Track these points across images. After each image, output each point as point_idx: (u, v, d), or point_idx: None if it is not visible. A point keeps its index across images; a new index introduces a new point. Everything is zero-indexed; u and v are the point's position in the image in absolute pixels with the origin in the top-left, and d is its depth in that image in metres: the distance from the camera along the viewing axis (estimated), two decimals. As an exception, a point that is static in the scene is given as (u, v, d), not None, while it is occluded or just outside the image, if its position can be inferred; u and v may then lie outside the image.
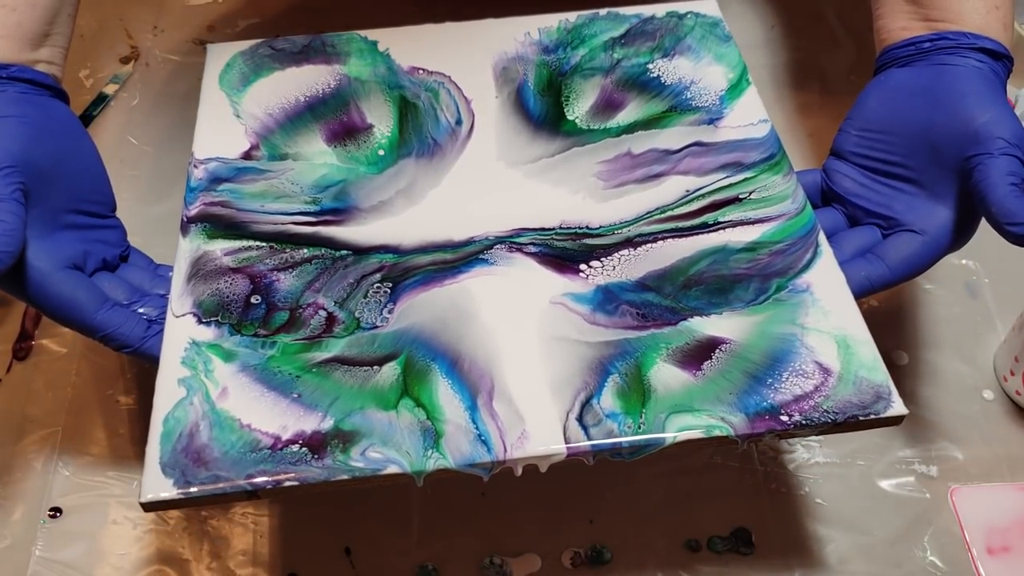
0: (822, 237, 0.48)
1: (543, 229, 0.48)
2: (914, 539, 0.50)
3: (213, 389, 0.42)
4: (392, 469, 0.39)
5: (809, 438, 0.53)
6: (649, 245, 0.48)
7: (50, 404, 0.54)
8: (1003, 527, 0.51)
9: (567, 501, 0.51)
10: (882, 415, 0.42)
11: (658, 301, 0.46)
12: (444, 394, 0.42)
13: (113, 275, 0.47)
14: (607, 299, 0.46)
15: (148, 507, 0.39)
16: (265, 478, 0.39)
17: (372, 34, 0.57)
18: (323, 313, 0.45)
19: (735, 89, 0.55)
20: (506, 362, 0.43)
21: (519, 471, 0.40)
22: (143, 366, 0.54)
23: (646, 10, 0.58)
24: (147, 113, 0.68)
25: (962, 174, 0.46)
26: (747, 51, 0.74)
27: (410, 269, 0.47)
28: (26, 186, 0.43)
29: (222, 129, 0.52)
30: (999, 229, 0.44)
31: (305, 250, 0.47)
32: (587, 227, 0.49)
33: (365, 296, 0.45)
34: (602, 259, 0.47)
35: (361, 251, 0.47)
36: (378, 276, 0.46)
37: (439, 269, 0.47)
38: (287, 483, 0.39)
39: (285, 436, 0.40)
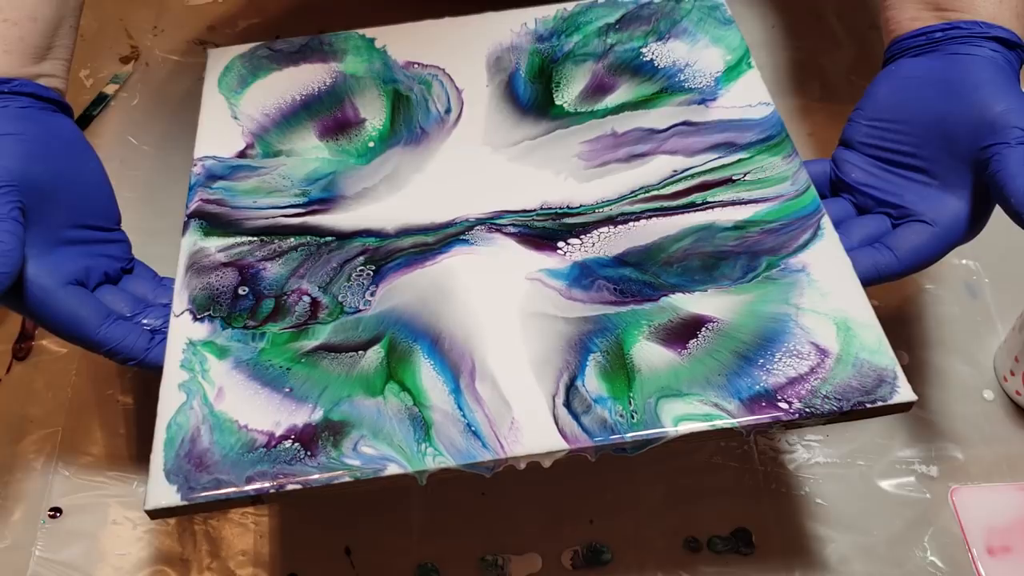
0: (826, 220, 0.47)
1: (524, 211, 0.49)
2: (914, 539, 0.50)
3: (210, 390, 0.42)
4: (392, 469, 0.39)
5: (809, 437, 0.53)
6: (631, 223, 0.48)
7: (50, 404, 0.54)
8: (1003, 527, 0.51)
9: (567, 501, 0.51)
10: (889, 402, 0.40)
11: (636, 276, 0.45)
12: (427, 376, 0.42)
13: (116, 288, 0.47)
14: (583, 274, 0.46)
15: (154, 515, 0.39)
16: (266, 482, 0.39)
17: (370, 32, 0.57)
18: (307, 299, 0.45)
19: (733, 71, 0.54)
20: (485, 339, 0.43)
21: (522, 466, 0.40)
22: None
23: None
24: (147, 113, 0.68)
25: (977, 164, 0.45)
26: (747, 51, 0.75)
27: (392, 252, 0.47)
28: (24, 204, 0.43)
29: (220, 131, 0.53)
30: (1018, 220, 0.43)
31: (292, 239, 0.48)
32: (568, 207, 0.49)
33: (348, 280, 0.46)
34: (581, 236, 0.47)
35: (345, 236, 0.48)
36: (361, 259, 0.47)
37: (420, 251, 0.47)
38: (289, 487, 0.39)
39: (278, 432, 0.40)
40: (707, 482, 0.52)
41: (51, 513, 0.50)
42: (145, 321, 0.46)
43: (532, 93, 0.54)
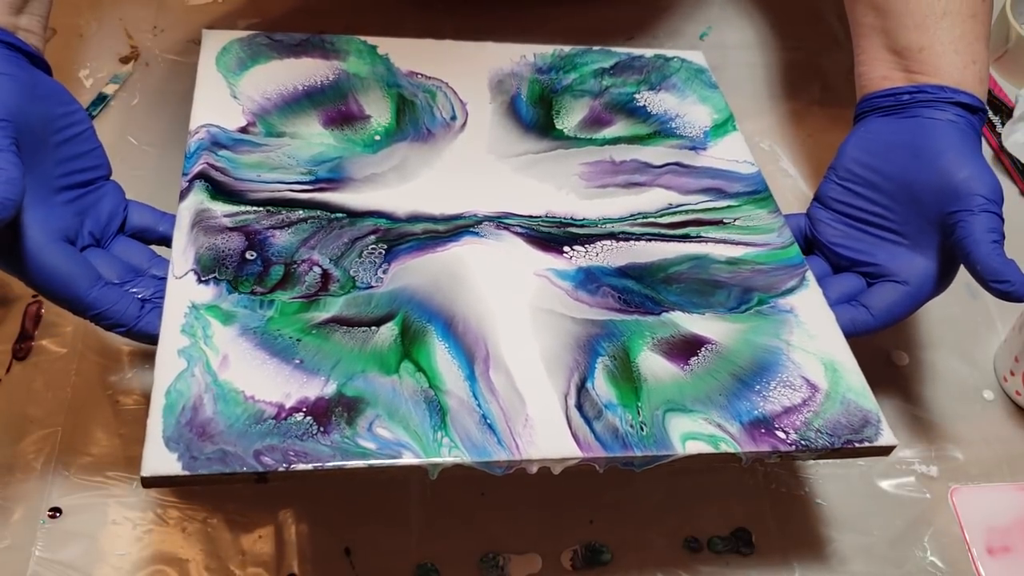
0: (809, 274, 0.49)
1: (530, 216, 0.50)
2: (914, 539, 0.50)
3: (214, 358, 0.40)
4: (408, 458, 0.38)
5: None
6: (632, 242, 0.49)
7: (50, 404, 0.54)
8: (1003, 527, 0.51)
9: (567, 501, 0.51)
10: (874, 443, 0.42)
11: (638, 289, 0.47)
12: (442, 359, 0.42)
13: (106, 252, 0.46)
14: (588, 279, 0.47)
15: (149, 483, 0.37)
16: (276, 458, 0.37)
17: (372, 40, 0.58)
18: (318, 270, 0.45)
19: (720, 128, 0.57)
20: (497, 328, 0.44)
21: (534, 469, 0.40)
22: (143, 365, 0.54)
23: (635, 51, 0.61)
24: (147, 113, 0.68)
25: (943, 228, 0.47)
26: (746, 51, 0.75)
27: (403, 235, 0.48)
28: (19, 144, 0.41)
29: (219, 107, 0.52)
30: (985, 286, 0.45)
31: (300, 211, 0.48)
32: (572, 218, 0.50)
33: (360, 256, 0.46)
34: (585, 245, 0.49)
35: (356, 215, 0.48)
36: (372, 238, 0.47)
37: (431, 237, 0.48)
38: (300, 467, 0.37)
39: (288, 404, 0.39)
40: (707, 482, 0.52)
41: (51, 513, 0.50)
42: (134, 290, 0.44)
43: (534, 115, 0.56)
